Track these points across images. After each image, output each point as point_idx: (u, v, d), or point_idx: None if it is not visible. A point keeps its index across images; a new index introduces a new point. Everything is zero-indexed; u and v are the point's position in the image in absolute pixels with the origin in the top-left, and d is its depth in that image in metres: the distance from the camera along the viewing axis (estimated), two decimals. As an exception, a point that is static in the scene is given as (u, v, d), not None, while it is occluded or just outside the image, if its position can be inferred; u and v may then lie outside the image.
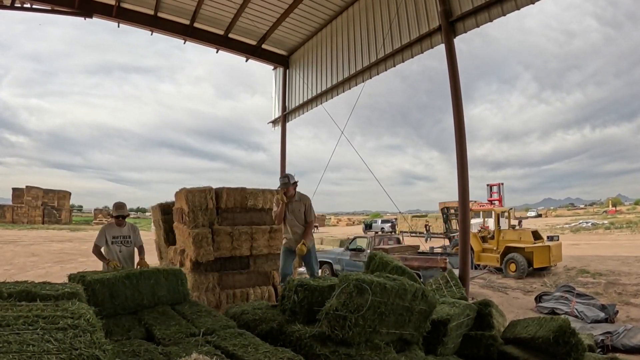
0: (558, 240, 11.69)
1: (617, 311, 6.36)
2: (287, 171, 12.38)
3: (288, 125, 12.75)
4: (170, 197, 6.93)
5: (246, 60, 11.97)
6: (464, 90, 6.61)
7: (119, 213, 4.70)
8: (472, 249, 10.96)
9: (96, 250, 4.59)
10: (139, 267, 4.32)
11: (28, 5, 9.02)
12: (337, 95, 10.34)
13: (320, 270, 10.47)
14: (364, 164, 8.76)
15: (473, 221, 29.18)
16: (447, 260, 8.01)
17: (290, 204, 4.63)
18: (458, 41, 6.85)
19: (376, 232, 25.85)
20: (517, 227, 13.72)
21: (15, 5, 8.86)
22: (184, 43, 10.91)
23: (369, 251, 8.90)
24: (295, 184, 4.67)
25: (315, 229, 35.98)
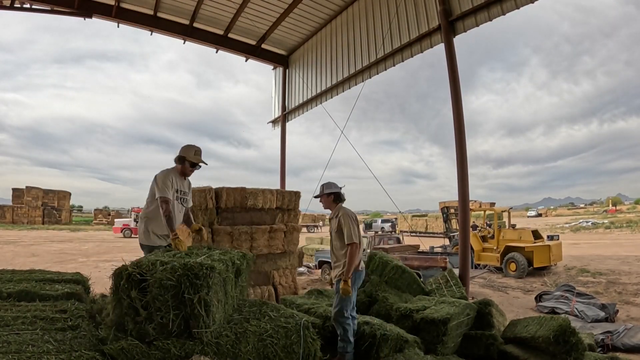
0: (558, 239, 11.68)
1: (617, 310, 6.35)
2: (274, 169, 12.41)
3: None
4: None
5: (246, 60, 11.97)
6: (466, 77, 6.62)
7: (198, 161, 3.49)
8: (472, 248, 10.95)
9: (167, 210, 3.16)
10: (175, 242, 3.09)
11: (28, 6, 9.02)
12: (337, 94, 10.34)
13: (320, 271, 10.48)
14: (360, 161, 8.76)
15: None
16: (447, 260, 8.00)
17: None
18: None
19: (376, 232, 25.86)
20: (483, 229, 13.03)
21: (15, 5, 8.87)
22: (184, 43, 10.90)
23: (369, 251, 8.90)
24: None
25: (316, 228, 35.92)
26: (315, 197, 3.90)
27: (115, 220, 29.81)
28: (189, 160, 3.42)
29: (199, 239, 3.57)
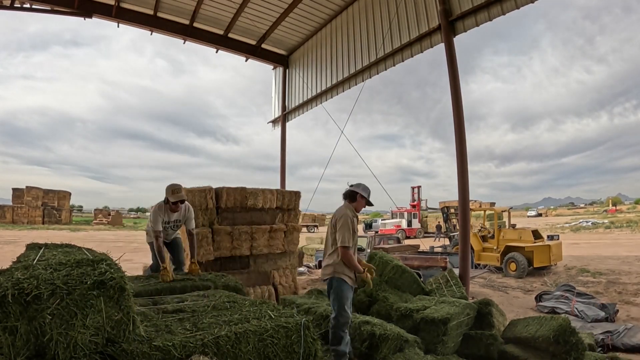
0: (558, 239, 11.67)
1: (618, 310, 6.35)
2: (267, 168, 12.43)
3: (270, 115, 13.24)
4: (162, 197, 6.91)
5: (246, 60, 11.98)
6: (467, 61, 6.57)
7: (177, 199, 4.00)
8: (472, 248, 10.95)
9: (157, 241, 3.94)
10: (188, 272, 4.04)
11: (28, 6, 9.03)
12: (337, 94, 10.34)
13: (320, 271, 10.49)
14: (357, 159, 8.76)
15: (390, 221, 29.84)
16: (448, 260, 8.01)
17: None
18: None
19: (376, 232, 25.85)
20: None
21: (15, 5, 8.87)
22: (184, 43, 10.90)
23: (369, 251, 8.90)
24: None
25: (316, 228, 35.96)
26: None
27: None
28: (169, 200, 4.03)
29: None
